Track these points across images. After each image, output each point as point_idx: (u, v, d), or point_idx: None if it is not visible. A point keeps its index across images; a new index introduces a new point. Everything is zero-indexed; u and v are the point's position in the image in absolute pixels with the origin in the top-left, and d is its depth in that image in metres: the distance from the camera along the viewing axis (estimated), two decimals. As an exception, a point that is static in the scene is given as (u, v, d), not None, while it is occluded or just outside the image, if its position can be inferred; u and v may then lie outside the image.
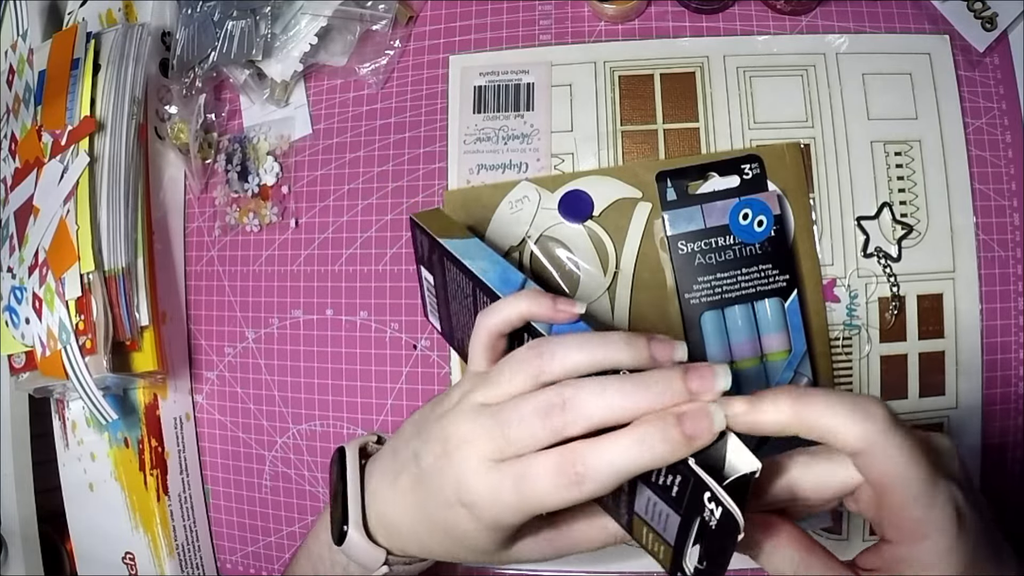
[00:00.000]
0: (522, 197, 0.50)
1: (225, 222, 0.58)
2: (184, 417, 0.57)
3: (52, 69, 0.55)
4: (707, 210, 0.46)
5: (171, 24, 0.59)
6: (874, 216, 0.48)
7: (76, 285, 0.50)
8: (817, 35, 0.50)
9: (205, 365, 0.58)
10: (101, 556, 0.58)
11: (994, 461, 0.47)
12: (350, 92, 0.56)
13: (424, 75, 0.54)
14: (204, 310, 0.58)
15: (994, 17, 0.47)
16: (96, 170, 0.51)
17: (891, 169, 0.48)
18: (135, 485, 0.56)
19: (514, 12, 0.54)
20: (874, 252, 0.48)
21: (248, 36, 0.54)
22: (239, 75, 0.56)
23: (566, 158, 0.51)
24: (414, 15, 0.55)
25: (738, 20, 0.51)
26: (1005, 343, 0.47)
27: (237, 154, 0.57)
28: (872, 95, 0.49)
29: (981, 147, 0.48)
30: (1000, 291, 0.47)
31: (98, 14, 0.59)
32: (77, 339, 0.50)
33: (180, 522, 0.56)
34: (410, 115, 0.54)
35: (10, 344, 0.54)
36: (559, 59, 0.52)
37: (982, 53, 0.48)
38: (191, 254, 0.59)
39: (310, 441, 0.55)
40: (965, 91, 0.48)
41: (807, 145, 0.49)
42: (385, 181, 0.54)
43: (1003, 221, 0.48)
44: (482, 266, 0.36)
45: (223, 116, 0.59)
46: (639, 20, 0.52)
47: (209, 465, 0.58)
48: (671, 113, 0.50)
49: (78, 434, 0.59)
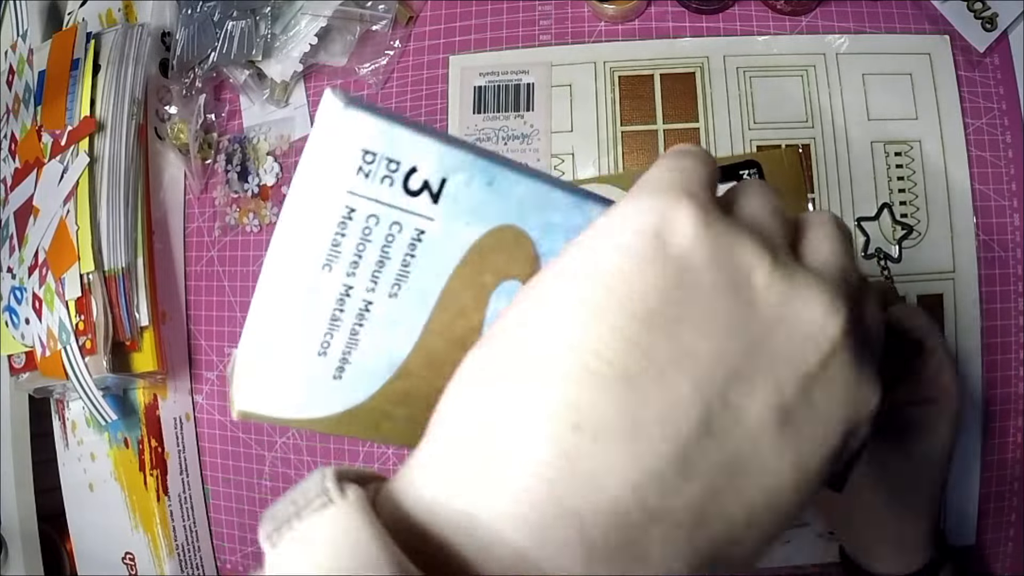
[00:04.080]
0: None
1: (225, 222, 0.58)
2: (184, 417, 0.57)
3: (52, 69, 0.55)
4: (707, 211, 0.46)
5: (171, 24, 0.59)
6: (874, 217, 0.48)
7: (76, 285, 0.50)
8: (817, 35, 0.50)
9: (205, 365, 0.58)
10: (101, 556, 0.58)
11: (994, 462, 0.47)
12: (350, 92, 0.56)
13: (424, 75, 0.54)
14: (204, 310, 0.58)
15: (994, 17, 0.47)
16: (96, 170, 0.51)
17: (891, 169, 0.48)
18: (135, 485, 0.56)
19: (514, 12, 0.54)
20: (874, 253, 0.48)
21: (248, 36, 0.54)
22: (239, 75, 0.56)
23: (566, 159, 0.51)
24: (414, 15, 0.55)
25: (738, 20, 0.51)
26: (1005, 343, 0.47)
27: (237, 154, 0.57)
28: (872, 95, 0.49)
29: (981, 147, 0.48)
30: (1000, 291, 0.47)
31: (98, 14, 0.59)
32: (77, 339, 0.50)
33: (180, 522, 0.56)
34: (410, 115, 0.54)
35: (10, 344, 0.54)
36: (559, 59, 0.52)
37: (982, 53, 0.48)
38: (191, 254, 0.59)
39: (310, 441, 0.55)
40: (965, 91, 0.48)
41: (807, 146, 0.49)
42: (385, 181, 0.54)
43: (1003, 221, 0.48)
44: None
45: (223, 116, 0.59)
46: (639, 20, 0.52)
47: (209, 465, 0.58)
48: (671, 113, 0.50)
49: (78, 434, 0.59)
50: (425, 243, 0.18)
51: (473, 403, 0.17)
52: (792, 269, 0.18)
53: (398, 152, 0.17)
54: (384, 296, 0.18)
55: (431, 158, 0.17)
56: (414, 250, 0.18)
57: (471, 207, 0.18)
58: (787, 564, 0.48)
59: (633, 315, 0.17)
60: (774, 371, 0.17)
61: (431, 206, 0.18)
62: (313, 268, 0.17)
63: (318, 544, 0.15)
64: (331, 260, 0.18)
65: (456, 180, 0.18)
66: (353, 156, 0.17)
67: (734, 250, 0.17)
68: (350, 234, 0.17)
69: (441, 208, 0.18)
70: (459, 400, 0.18)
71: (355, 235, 0.17)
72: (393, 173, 0.17)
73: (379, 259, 0.18)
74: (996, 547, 0.48)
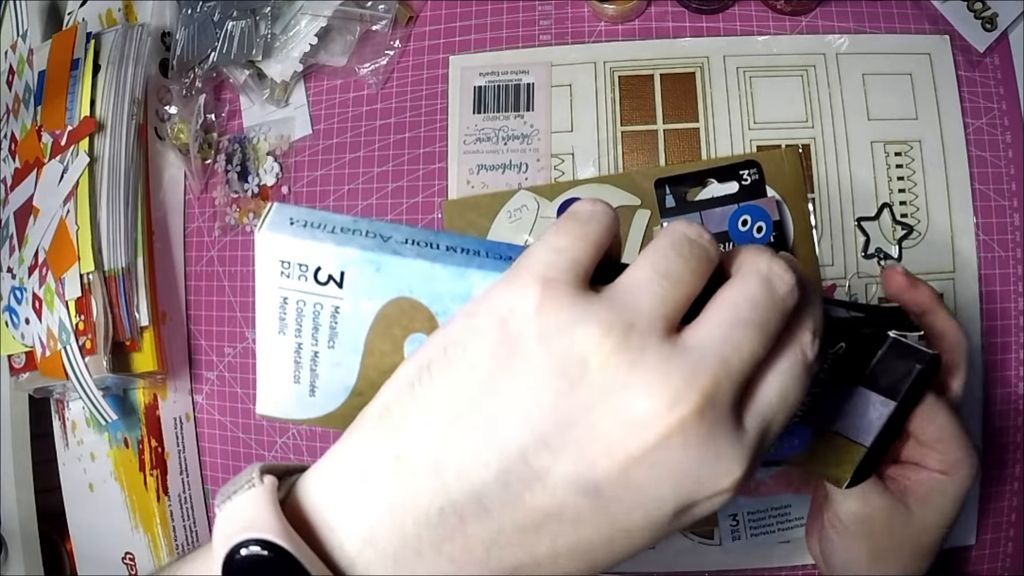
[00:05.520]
0: (521, 206, 0.50)
1: (225, 222, 0.58)
2: (184, 417, 0.57)
3: (52, 69, 0.55)
4: (706, 217, 0.46)
5: (171, 24, 0.59)
6: (874, 217, 0.48)
7: (76, 285, 0.50)
8: (817, 35, 0.50)
9: (205, 365, 0.58)
10: (101, 556, 0.58)
11: (994, 462, 0.47)
12: (350, 92, 0.56)
13: (424, 75, 0.54)
14: (204, 310, 0.58)
15: (994, 17, 0.47)
16: (96, 170, 0.51)
17: (891, 169, 0.48)
18: (135, 485, 0.56)
19: (514, 12, 0.54)
20: (874, 253, 0.48)
21: (248, 36, 0.54)
22: (239, 75, 0.56)
23: (566, 159, 0.51)
24: (414, 15, 0.55)
25: (738, 20, 0.51)
26: (1005, 343, 0.47)
27: (237, 154, 0.57)
28: (872, 95, 0.49)
29: (981, 147, 0.48)
30: (1000, 291, 0.47)
31: (98, 14, 0.59)
32: (77, 339, 0.50)
33: (180, 522, 0.56)
34: (410, 115, 0.54)
35: (10, 344, 0.54)
36: (559, 59, 0.52)
37: (982, 53, 0.48)
38: (191, 254, 0.59)
39: (310, 441, 0.55)
40: (965, 91, 0.48)
41: (806, 146, 0.49)
42: (385, 181, 0.54)
43: (1003, 221, 0.48)
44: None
45: (223, 116, 0.59)
46: (639, 20, 0.52)
47: (209, 465, 0.58)
48: (671, 113, 0.50)
49: (78, 434, 0.59)
50: (342, 313, 0.25)
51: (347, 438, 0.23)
52: (638, 355, 0.20)
53: (305, 258, 0.24)
54: (325, 347, 0.25)
55: (329, 259, 0.24)
56: (335, 319, 0.25)
57: (367, 288, 0.24)
58: (787, 564, 0.48)
59: (470, 381, 0.21)
60: (585, 447, 0.20)
61: (338, 290, 0.24)
62: (272, 334, 0.25)
63: (240, 512, 0.21)
64: (282, 328, 0.25)
65: (351, 271, 0.24)
66: (274, 264, 0.24)
67: (572, 332, 0.20)
68: (288, 312, 0.25)
69: (346, 291, 0.24)
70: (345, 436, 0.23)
71: (292, 312, 0.25)
72: (305, 272, 0.24)
73: (313, 326, 0.25)
74: (996, 547, 0.48)
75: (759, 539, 0.47)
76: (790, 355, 0.22)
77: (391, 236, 0.24)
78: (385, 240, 0.24)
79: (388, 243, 0.24)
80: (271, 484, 0.22)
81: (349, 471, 0.22)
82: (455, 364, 0.21)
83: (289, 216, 0.24)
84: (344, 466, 0.23)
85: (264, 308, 0.25)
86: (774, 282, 0.21)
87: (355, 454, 0.22)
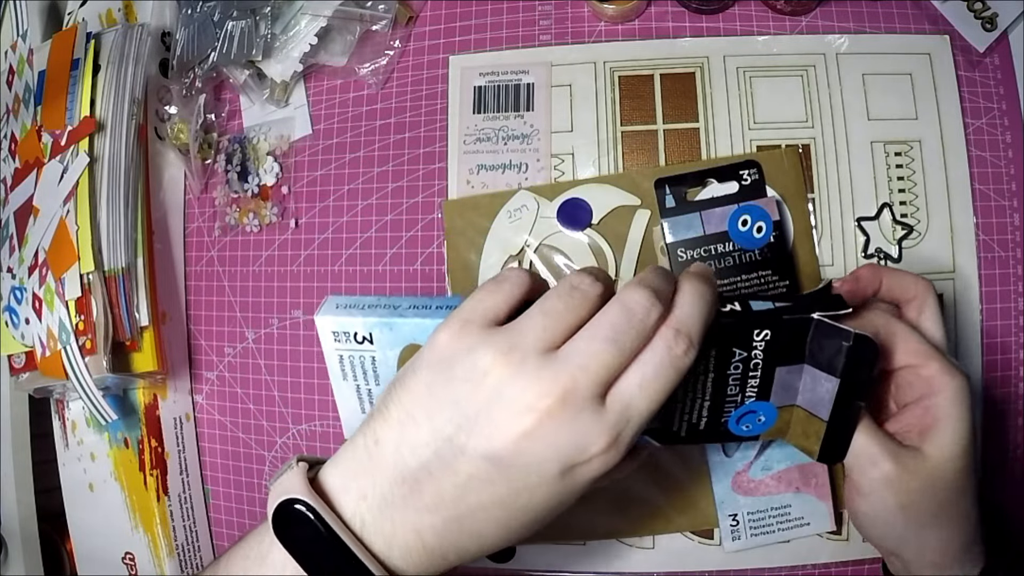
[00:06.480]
0: (521, 206, 0.50)
1: (225, 222, 0.58)
2: (184, 417, 0.57)
3: (52, 69, 0.55)
4: (706, 217, 0.46)
5: (171, 24, 0.59)
6: (874, 217, 0.48)
7: (76, 285, 0.50)
8: (817, 35, 0.50)
9: (205, 365, 0.58)
10: (101, 556, 0.58)
11: (994, 462, 0.47)
12: (350, 92, 0.56)
13: (424, 75, 0.54)
14: (204, 310, 0.58)
15: (994, 17, 0.47)
16: (96, 170, 0.51)
17: (891, 169, 0.48)
18: (135, 485, 0.56)
19: (514, 12, 0.54)
20: (874, 253, 0.48)
21: (248, 36, 0.54)
22: (239, 75, 0.56)
23: (566, 159, 0.51)
24: (414, 15, 0.55)
25: (738, 20, 0.51)
26: (1005, 343, 0.47)
27: (237, 154, 0.57)
28: (872, 95, 0.49)
29: (981, 147, 0.48)
30: (1000, 291, 0.47)
31: (98, 14, 0.59)
32: (77, 339, 0.50)
33: (180, 522, 0.56)
34: (410, 115, 0.54)
35: (10, 344, 0.54)
36: (559, 59, 0.52)
37: (982, 53, 0.48)
38: (191, 254, 0.59)
39: (310, 441, 0.55)
40: (965, 91, 0.48)
41: (806, 146, 0.49)
42: (385, 181, 0.54)
43: (1003, 221, 0.48)
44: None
45: (223, 116, 0.59)
46: (639, 20, 0.52)
47: (209, 465, 0.58)
48: (671, 113, 0.50)
49: (78, 434, 0.59)
50: (378, 361, 0.37)
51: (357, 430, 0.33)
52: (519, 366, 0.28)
53: (347, 328, 0.36)
54: (374, 385, 0.38)
55: (360, 327, 0.36)
56: (375, 365, 0.37)
57: (388, 342, 0.36)
58: (787, 564, 0.48)
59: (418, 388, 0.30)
60: (486, 429, 0.28)
61: (371, 346, 0.37)
62: (340, 380, 0.39)
63: (283, 484, 0.31)
64: (345, 376, 0.38)
65: (375, 332, 0.36)
66: (330, 335, 0.37)
67: (475, 352, 0.29)
68: (346, 364, 0.38)
69: (376, 345, 0.36)
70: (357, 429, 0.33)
71: (348, 365, 0.38)
72: (349, 337, 0.37)
73: (363, 372, 0.38)
74: (996, 547, 0.48)
75: (759, 539, 0.47)
76: (651, 352, 0.29)
77: (400, 305, 0.36)
78: (395, 308, 0.36)
79: (397, 310, 0.36)
80: (303, 466, 0.32)
81: (350, 451, 0.32)
82: (411, 377, 0.31)
83: (335, 303, 0.37)
84: (347, 448, 0.32)
85: (331, 365, 0.38)
86: (631, 307, 0.29)
87: (355, 440, 0.32)
